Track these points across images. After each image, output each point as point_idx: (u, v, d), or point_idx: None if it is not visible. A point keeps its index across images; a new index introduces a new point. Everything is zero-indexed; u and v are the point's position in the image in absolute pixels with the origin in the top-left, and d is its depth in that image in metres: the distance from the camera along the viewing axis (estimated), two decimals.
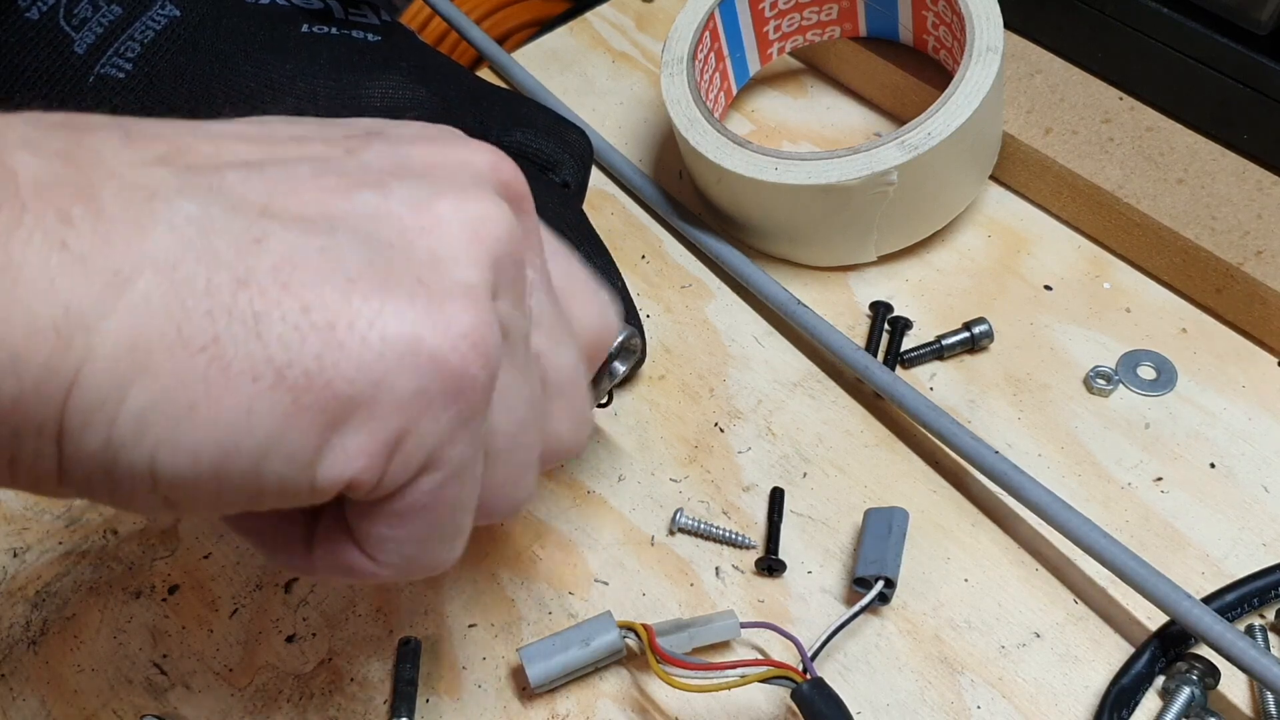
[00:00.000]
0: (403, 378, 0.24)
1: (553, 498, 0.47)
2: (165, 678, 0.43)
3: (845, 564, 0.44)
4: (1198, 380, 0.48)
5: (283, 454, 0.24)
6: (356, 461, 0.24)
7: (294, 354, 0.23)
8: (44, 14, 0.44)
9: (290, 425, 0.23)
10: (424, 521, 0.27)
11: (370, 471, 0.25)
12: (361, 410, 0.24)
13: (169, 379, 0.22)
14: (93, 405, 0.22)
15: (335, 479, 0.24)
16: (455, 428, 0.25)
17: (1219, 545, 0.43)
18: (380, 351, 0.24)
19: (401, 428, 0.24)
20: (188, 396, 0.23)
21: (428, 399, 0.24)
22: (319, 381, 0.23)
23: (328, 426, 0.24)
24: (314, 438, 0.24)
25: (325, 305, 0.23)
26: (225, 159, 0.25)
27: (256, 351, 0.23)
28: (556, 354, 0.31)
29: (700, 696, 0.40)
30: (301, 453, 0.24)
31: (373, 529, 0.27)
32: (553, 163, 0.49)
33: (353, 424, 0.24)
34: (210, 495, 0.24)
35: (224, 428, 0.23)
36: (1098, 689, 0.40)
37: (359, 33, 0.49)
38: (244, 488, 0.24)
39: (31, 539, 0.46)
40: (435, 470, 0.26)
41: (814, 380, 0.50)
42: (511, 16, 0.84)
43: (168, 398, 0.22)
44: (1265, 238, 0.49)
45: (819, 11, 0.57)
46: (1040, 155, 0.53)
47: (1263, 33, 0.49)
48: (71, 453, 0.23)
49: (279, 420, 0.23)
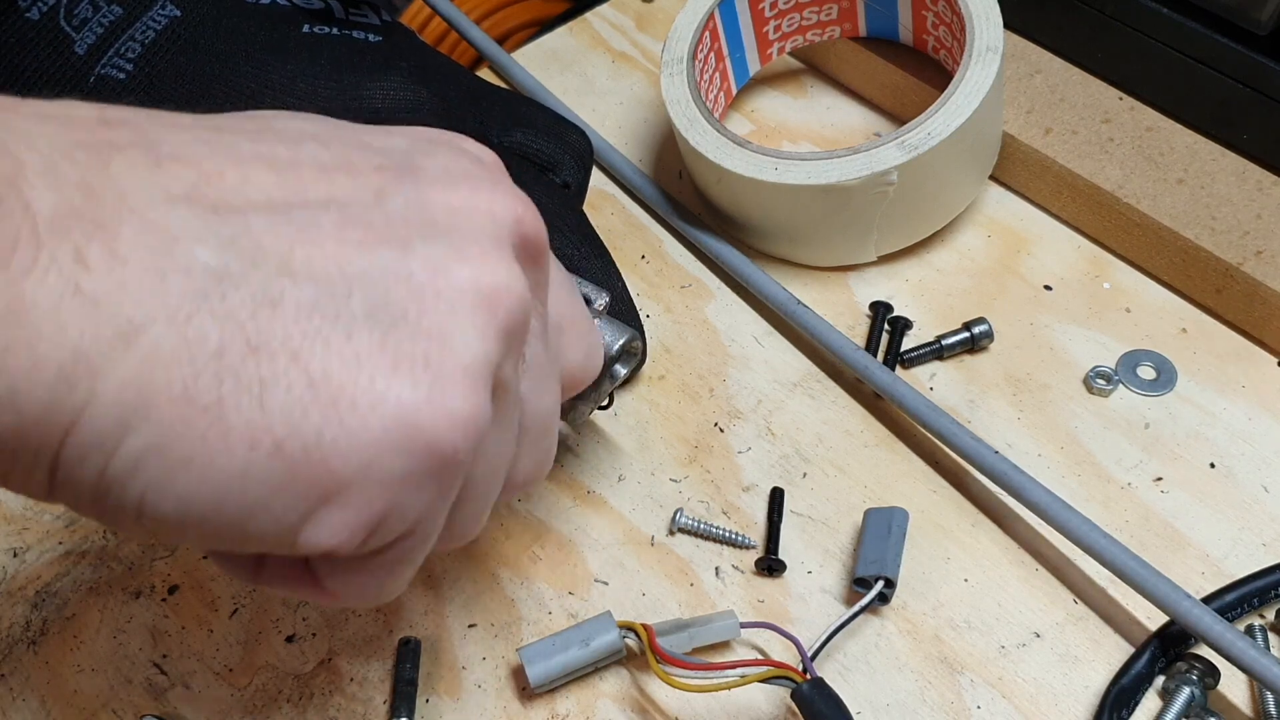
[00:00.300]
0: (395, 460, 0.24)
1: (553, 498, 0.47)
2: (165, 678, 0.43)
3: (845, 564, 0.44)
4: (1198, 380, 0.48)
5: (269, 516, 0.24)
6: (339, 535, 0.25)
7: (294, 428, 0.23)
8: (44, 14, 0.44)
9: (280, 494, 0.24)
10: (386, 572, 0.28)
11: (350, 544, 0.25)
12: (352, 488, 0.24)
13: (169, 430, 0.22)
14: (91, 444, 0.22)
15: (316, 546, 0.25)
16: (435, 502, 0.26)
17: (1219, 545, 0.43)
18: (379, 434, 0.24)
19: (387, 506, 0.25)
20: (184, 451, 0.23)
21: (415, 480, 0.25)
22: (315, 457, 0.23)
23: (317, 500, 0.24)
24: (302, 508, 0.24)
25: (331, 381, 0.23)
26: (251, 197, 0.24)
27: (258, 420, 0.23)
28: (539, 400, 0.31)
29: (700, 696, 0.40)
30: (287, 519, 0.24)
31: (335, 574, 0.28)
32: (553, 163, 0.49)
33: (341, 500, 0.24)
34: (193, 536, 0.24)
35: (216, 485, 0.23)
36: (1098, 689, 0.40)
37: (359, 33, 0.49)
38: (226, 536, 0.24)
39: (31, 539, 0.46)
40: (409, 538, 0.27)
41: (814, 380, 0.50)
42: (511, 16, 0.84)
43: (165, 448, 0.23)
44: (1265, 238, 0.49)
45: (819, 11, 0.57)
46: (1040, 155, 0.53)
47: (1263, 33, 0.49)
48: (64, 480, 0.23)
49: (271, 488, 0.24)
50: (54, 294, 0.21)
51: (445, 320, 0.25)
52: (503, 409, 0.28)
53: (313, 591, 0.28)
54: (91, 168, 0.23)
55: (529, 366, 0.30)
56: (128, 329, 0.22)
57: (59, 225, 0.22)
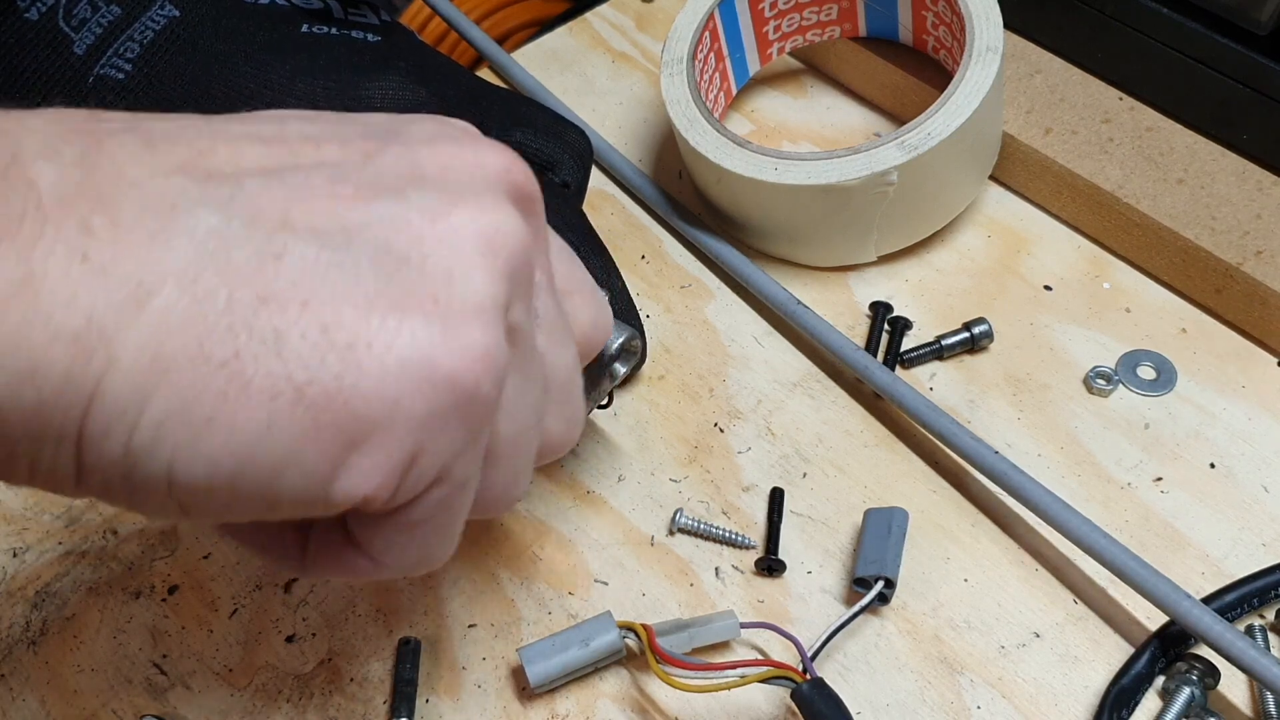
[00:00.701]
0: (418, 398, 0.24)
1: (553, 498, 0.47)
2: (165, 678, 0.43)
3: (845, 564, 0.44)
4: (1197, 380, 0.48)
5: (299, 470, 0.24)
6: (372, 480, 0.25)
7: (314, 373, 0.23)
8: (43, 15, 0.44)
9: (308, 443, 0.23)
10: (428, 529, 0.27)
11: (384, 489, 0.25)
12: (379, 430, 0.24)
13: (189, 392, 0.22)
14: (113, 415, 0.22)
15: (350, 496, 0.25)
16: (464, 444, 0.26)
17: (1219, 545, 0.43)
18: (398, 373, 0.24)
19: (416, 447, 0.25)
20: (207, 410, 0.23)
21: (441, 418, 0.25)
22: (338, 401, 0.23)
23: (345, 446, 0.24)
24: (331, 456, 0.24)
25: (344, 325, 0.23)
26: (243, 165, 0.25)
27: (277, 369, 0.23)
28: (557, 354, 0.31)
29: (700, 696, 0.40)
30: (318, 470, 0.24)
31: (377, 537, 0.27)
32: (552, 163, 0.49)
33: (370, 444, 0.24)
34: (225, 503, 0.24)
35: (242, 442, 0.23)
36: (1098, 689, 0.40)
37: (358, 33, 0.49)
38: (259, 499, 0.24)
39: (31, 539, 0.46)
40: (444, 484, 0.26)
41: (814, 380, 0.50)
42: (511, 16, 0.84)
43: (187, 410, 0.23)
44: (1265, 238, 0.49)
45: (819, 11, 0.57)
46: (1040, 155, 0.53)
47: (1263, 33, 0.49)
48: (91, 459, 0.23)
49: (297, 438, 0.23)
50: (63, 264, 0.21)
51: (449, 261, 0.25)
52: (521, 355, 0.28)
53: (360, 562, 0.28)
54: (88, 149, 0.23)
55: (541, 320, 0.30)
56: (138, 292, 0.22)
57: (63, 199, 0.22)
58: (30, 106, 0.24)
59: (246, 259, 0.23)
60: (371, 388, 0.24)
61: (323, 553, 0.29)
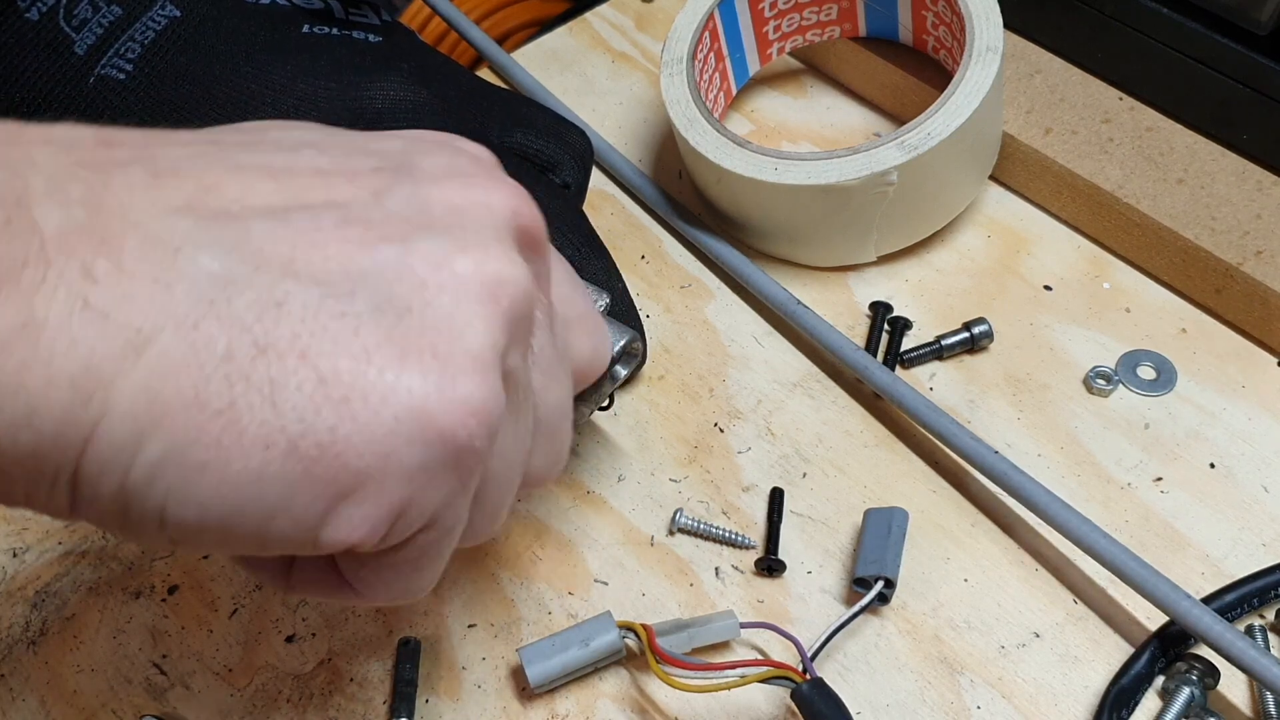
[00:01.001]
0: (411, 452, 0.24)
1: (552, 498, 0.47)
2: (165, 678, 0.43)
3: (845, 564, 0.44)
4: (1197, 380, 0.48)
5: (289, 517, 0.24)
6: (361, 529, 0.25)
7: (308, 425, 0.23)
8: (44, 15, 0.44)
9: (299, 492, 0.24)
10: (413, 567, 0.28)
11: (372, 537, 0.25)
12: (370, 482, 0.24)
13: (183, 437, 0.23)
14: (108, 456, 0.23)
15: (338, 543, 0.25)
16: (454, 494, 0.26)
17: (1219, 545, 0.43)
18: (391, 427, 0.24)
19: (406, 498, 0.25)
20: (201, 456, 0.23)
21: (432, 471, 0.25)
22: (330, 453, 0.24)
23: (336, 496, 0.24)
24: (321, 505, 0.24)
25: (341, 378, 0.24)
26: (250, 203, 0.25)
27: (271, 420, 0.23)
28: (550, 392, 0.31)
29: (700, 697, 0.40)
30: (308, 517, 0.24)
31: (362, 573, 0.28)
32: (553, 163, 0.49)
33: (360, 494, 0.24)
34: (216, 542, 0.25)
35: (234, 488, 0.23)
36: (1097, 689, 0.40)
37: (359, 33, 0.49)
38: (249, 540, 0.25)
39: (31, 539, 0.46)
40: (432, 530, 0.27)
41: (814, 380, 0.50)
42: (511, 16, 0.84)
43: (181, 454, 0.23)
44: (1265, 238, 0.49)
45: (819, 11, 0.57)
46: (1040, 155, 0.53)
47: (1263, 33, 0.49)
48: (86, 495, 0.23)
49: (288, 487, 0.24)
50: (64, 309, 0.22)
51: (450, 312, 0.25)
52: (514, 400, 0.28)
53: (343, 592, 0.28)
54: (94, 186, 0.23)
55: (537, 359, 0.30)
56: (136, 339, 0.22)
57: (65, 243, 0.22)
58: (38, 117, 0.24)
59: (247, 305, 0.23)
60: (364, 441, 0.24)
61: (307, 579, 0.29)
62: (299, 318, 0.23)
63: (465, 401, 0.25)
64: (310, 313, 0.24)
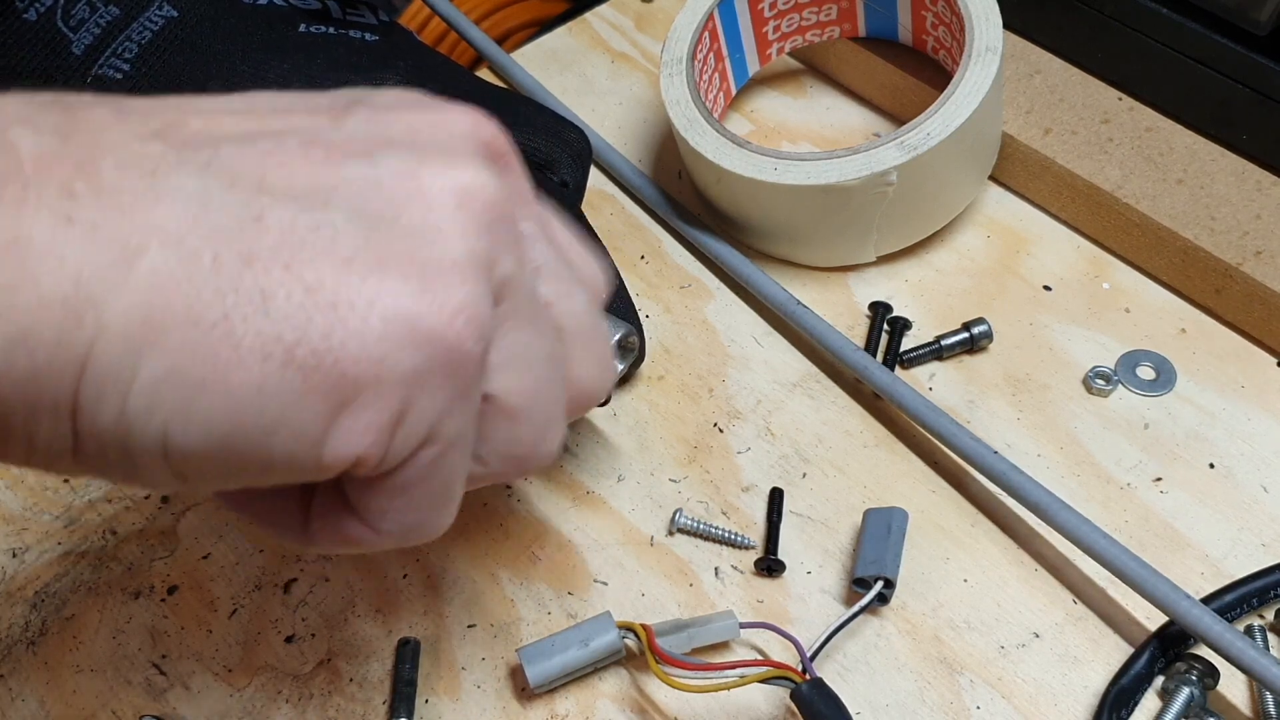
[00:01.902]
0: (404, 356, 0.24)
1: (552, 498, 0.47)
2: (164, 678, 0.43)
3: (844, 564, 0.44)
4: (1197, 380, 0.48)
5: (292, 431, 0.24)
6: (363, 440, 0.25)
7: (302, 333, 0.23)
8: (41, 15, 0.44)
9: (300, 403, 0.24)
10: (423, 492, 0.27)
11: (375, 449, 0.25)
12: (367, 390, 0.24)
13: (180, 354, 0.23)
14: (106, 380, 0.22)
15: (342, 456, 0.25)
16: (452, 401, 0.26)
17: (1218, 545, 0.43)
18: (382, 332, 0.24)
19: (403, 405, 0.25)
20: (199, 373, 0.23)
21: (427, 376, 0.25)
22: (327, 361, 0.24)
23: (336, 405, 0.24)
24: (322, 416, 0.24)
25: (326, 285, 0.24)
26: (217, 133, 0.25)
27: (266, 329, 0.23)
28: (567, 300, 0.31)
29: (700, 697, 0.40)
30: (310, 430, 0.24)
31: (373, 502, 0.28)
32: (551, 162, 0.49)
33: (358, 403, 0.24)
34: (219, 468, 0.24)
35: (235, 404, 0.23)
36: (1097, 689, 0.40)
37: (357, 32, 0.49)
38: (252, 462, 0.24)
39: (30, 539, 0.46)
40: (434, 444, 0.26)
41: (813, 380, 0.50)
42: (511, 16, 0.84)
43: (179, 373, 0.23)
44: (1264, 238, 0.48)
45: (818, 12, 0.57)
46: (1040, 155, 0.53)
47: (1262, 33, 0.49)
48: (86, 428, 0.23)
49: (289, 398, 0.23)
50: (49, 227, 0.22)
51: (423, 219, 0.25)
52: (519, 306, 0.28)
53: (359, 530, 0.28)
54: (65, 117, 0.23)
55: (542, 268, 0.30)
56: (125, 253, 0.22)
57: (43, 164, 0.22)
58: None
59: (228, 221, 0.23)
60: (357, 347, 0.24)
61: (323, 522, 0.29)
62: (278, 230, 0.24)
63: (446, 304, 0.25)
64: (288, 225, 0.24)
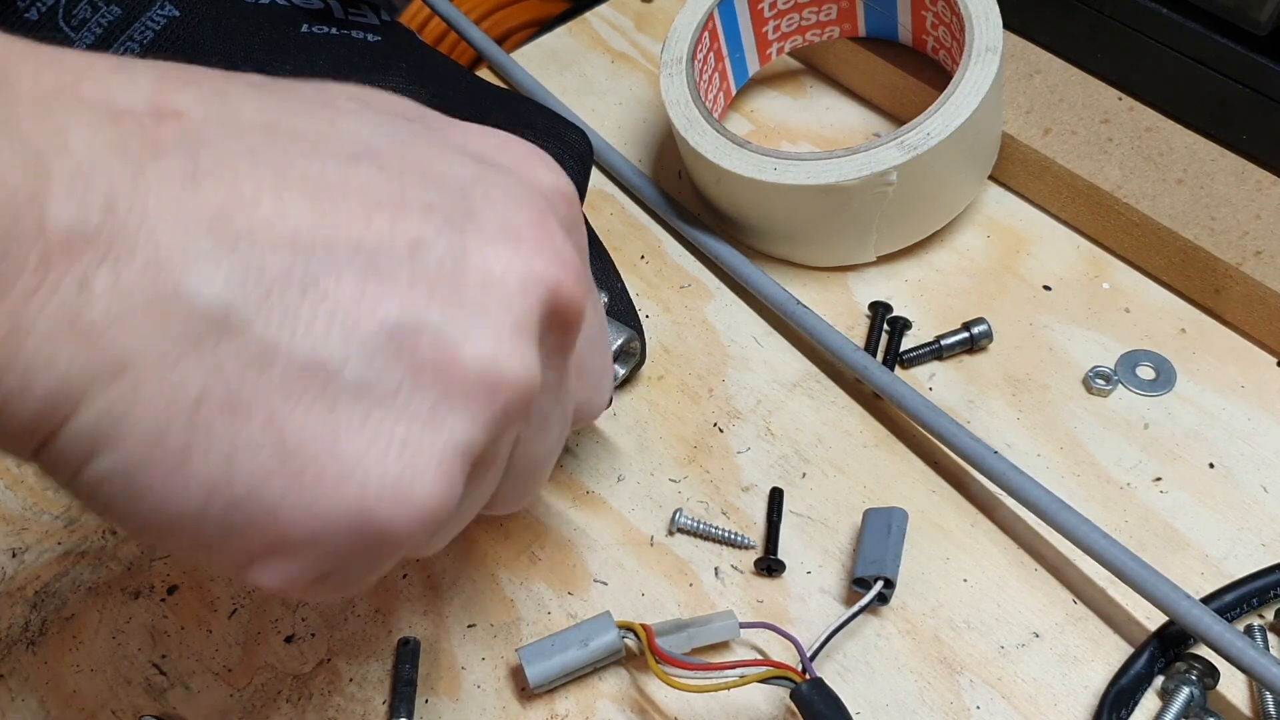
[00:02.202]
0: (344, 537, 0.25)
1: (552, 498, 0.47)
2: (164, 678, 0.43)
3: (844, 564, 0.44)
4: (1197, 380, 0.48)
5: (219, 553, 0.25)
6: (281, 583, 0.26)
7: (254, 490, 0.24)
8: (43, 14, 0.44)
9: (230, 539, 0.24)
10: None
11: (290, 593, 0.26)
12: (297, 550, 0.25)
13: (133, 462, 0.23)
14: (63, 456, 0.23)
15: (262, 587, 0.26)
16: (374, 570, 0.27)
17: (1218, 545, 0.43)
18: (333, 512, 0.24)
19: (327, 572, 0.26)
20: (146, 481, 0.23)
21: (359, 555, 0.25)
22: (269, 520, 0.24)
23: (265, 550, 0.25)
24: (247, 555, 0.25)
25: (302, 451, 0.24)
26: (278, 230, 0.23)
27: (220, 475, 0.23)
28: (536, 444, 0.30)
29: (700, 696, 0.40)
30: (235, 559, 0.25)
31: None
32: None
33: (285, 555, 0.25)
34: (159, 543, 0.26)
35: (170, 518, 0.24)
36: (1097, 689, 0.40)
37: (359, 33, 0.49)
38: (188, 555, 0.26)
39: (30, 539, 0.46)
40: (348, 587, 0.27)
41: (813, 380, 0.50)
42: (511, 16, 0.84)
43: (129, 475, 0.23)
44: (1264, 238, 0.49)
45: (818, 12, 0.57)
46: (1039, 155, 0.53)
47: (1262, 33, 0.49)
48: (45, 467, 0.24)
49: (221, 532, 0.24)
50: (52, 323, 0.21)
51: (436, 404, 0.24)
52: (484, 477, 0.28)
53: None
54: (121, 179, 0.22)
55: (532, 418, 0.29)
56: (114, 366, 0.22)
57: (71, 248, 0.21)
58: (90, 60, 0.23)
59: (233, 355, 0.23)
60: (304, 516, 0.24)
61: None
62: (279, 382, 0.23)
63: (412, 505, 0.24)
64: (292, 379, 0.23)
